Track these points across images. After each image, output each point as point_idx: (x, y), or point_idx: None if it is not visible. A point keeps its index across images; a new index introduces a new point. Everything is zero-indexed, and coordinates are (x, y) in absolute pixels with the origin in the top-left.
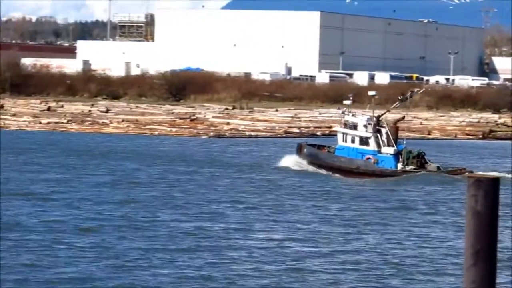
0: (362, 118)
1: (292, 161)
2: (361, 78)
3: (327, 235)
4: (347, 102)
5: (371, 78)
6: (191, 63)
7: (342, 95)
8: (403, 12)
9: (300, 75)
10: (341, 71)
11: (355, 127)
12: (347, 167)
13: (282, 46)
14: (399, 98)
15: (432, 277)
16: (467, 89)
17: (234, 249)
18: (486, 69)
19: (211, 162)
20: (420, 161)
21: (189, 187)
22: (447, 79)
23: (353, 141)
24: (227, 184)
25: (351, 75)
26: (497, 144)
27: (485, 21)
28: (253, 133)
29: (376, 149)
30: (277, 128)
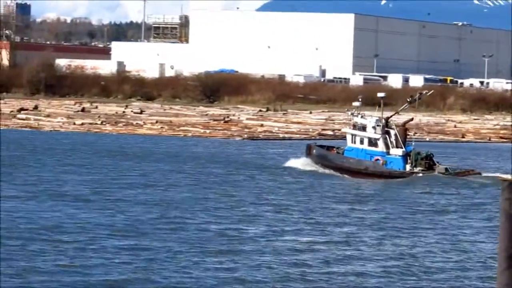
0: (371, 119)
1: (301, 162)
2: (395, 80)
3: (360, 238)
4: (356, 103)
5: (405, 80)
6: (225, 64)
7: (376, 97)
8: (437, 14)
9: (334, 77)
10: (375, 73)
11: (364, 128)
12: (355, 168)
13: (316, 48)
14: (408, 100)
15: (464, 281)
16: (501, 92)
17: (263, 252)
18: None
19: (244, 164)
20: (428, 162)
21: (222, 189)
22: (481, 82)
23: (362, 142)
24: (259, 185)
25: (385, 78)
26: None
27: None
28: (286, 135)
29: (385, 150)
30: (310, 130)
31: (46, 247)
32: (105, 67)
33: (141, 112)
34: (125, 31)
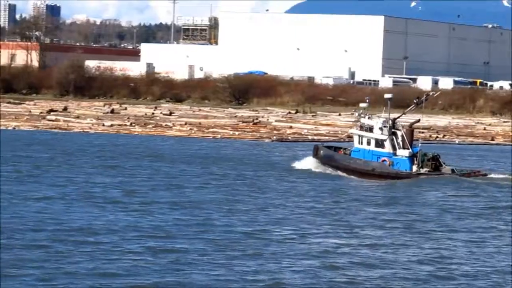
0: (378, 120)
1: (308, 163)
2: (424, 83)
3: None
4: (363, 104)
5: (435, 83)
6: (254, 66)
7: (406, 100)
8: (467, 17)
9: (364, 80)
10: (404, 75)
11: (371, 129)
12: (362, 169)
13: (345, 50)
14: (415, 101)
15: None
16: None
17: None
18: None
19: (272, 165)
20: (434, 163)
21: (250, 190)
22: (511, 85)
23: (368, 143)
24: (286, 187)
25: (414, 80)
26: None
27: None
28: (316, 137)
29: (392, 151)
30: (340, 132)
31: (72, 247)
32: (134, 69)
33: (170, 114)
34: (155, 33)
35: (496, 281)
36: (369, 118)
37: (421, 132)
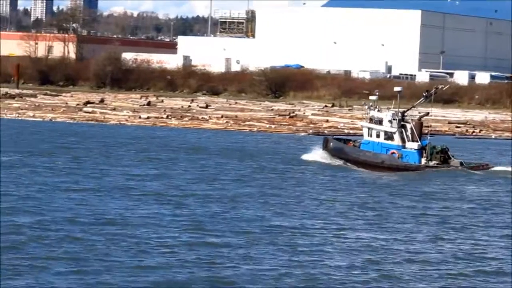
0: (387, 113)
1: (318, 155)
2: (461, 77)
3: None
4: (373, 97)
5: (472, 77)
6: (290, 60)
7: (442, 94)
8: (504, 12)
9: (400, 74)
10: (441, 70)
11: (380, 122)
12: (372, 161)
13: (382, 44)
14: (424, 94)
15: None
16: None
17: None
18: None
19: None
20: (443, 156)
21: (284, 184)
22: None
23: (378, 136)
24: (321, 181)
25: (451, 75)
26: None
27: None
28: (352, 131)
29: (401, 144)
30: None
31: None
32: (171, 61)
33: (206, 107)
34: (192, 26)
35: None
36: (378, 111)
37: (457, 127)
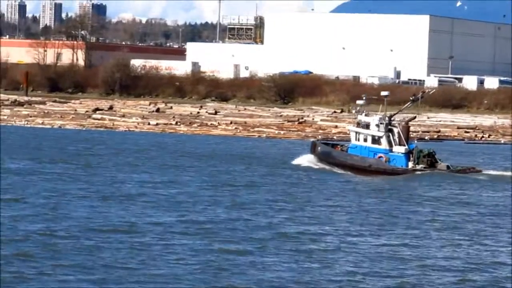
0: (374, 117)
1: (306, 159)
2: (470, 82)
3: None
4: (360, 102)
5: (481, 82)
6: (299, 66)
7: (451, 99)
8: None
9: (409, 79)
10: (450, 75)
11: (367, 126)
12: (359, 165)
13: (391, 49)
14: (411, 98)
15: None
16: None
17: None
18: None
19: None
20: (430, 160)
21: (293, 190)
22: None
23: (365, 140)
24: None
25: (460, 80)
26: None
27: None
28: None
29: (388, 148)
30: None
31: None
32: (180, 68)
33: (215, 113)
34: (200, 32)
35: None
36: (366, 115)
37: (466, 132)
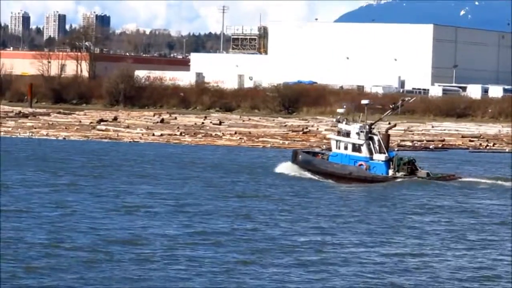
0: (355, 126)
1: (287, 168)
2: (474, 91)
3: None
4: (340, 110)
5: (485, 91)
6: (303, 76)
7: (456, 108)
8: None
9: (413, 88)
10: (454, 84)
11: (348, 134)
12: (340, 173)
13: (395, 59)
14: (391, 106)
15: None
16: None
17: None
18: None
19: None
20: (410, 167)
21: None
22: None
23: (346, 148)
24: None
25: (464, 88)
26: None
27: None
28: None
29: (368, 155)
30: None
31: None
32: (184, 78)
33: (220, 123)
34: (204, 42)
35: None
36: (346, 123)
37: (471, 141)
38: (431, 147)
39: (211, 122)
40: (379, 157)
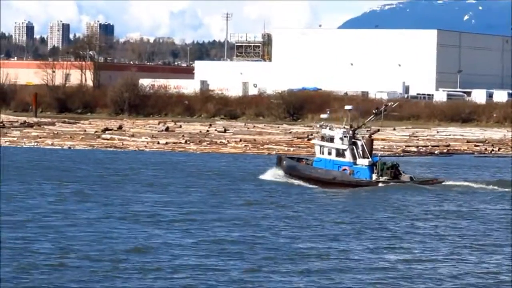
0: (338, 131)
1: (271, 174)
2: (479, 96)
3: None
4: (324, 116)
5: (489, 96)
6: (308, 82)
7: (461, 113)
8: None
9: (418, 94)
10: (458, 89)
11: (331, 139)
12: (324, 178)
13: (399, 64)
14: (374, 111)
15: None
16: None
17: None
18: None
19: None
20: (394, 172)
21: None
22: None
23: (330, 153)
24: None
25: (469, 93)
26: None
27: None
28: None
29: (352, 160)
30: (394, 147)
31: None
32: (188, 86)
33: (225, 131)
34: (208, 50)
35: None
36: (330, 129)
37: (476, 146)
38: (436, 152)
39: (216, 130)
40: (363, 162)
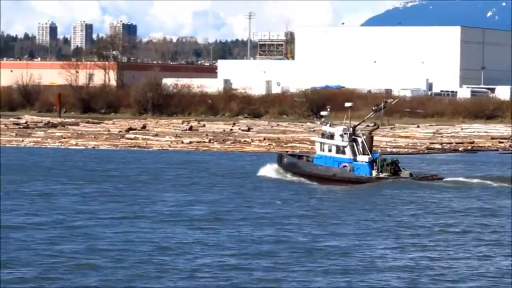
0: (338, 128)
1: (272, 170)
2: (503, 92)
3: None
4: (324, 113)
5: None
6: (331, 80)
7: (484, 110)
8: None
9: (441, 91)
10: (482, 86)
11: (332, 136)
12: (324, 174)
13: (422, 61)
14: (373, 108)
15: None
16: None
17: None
18: None
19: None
20: (394, 168)
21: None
22: None
23: (330, 150)
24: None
25: (493, 90)
26: None
27: None
28: (394, 150)
29: (352, 157)
30: (418, 144)
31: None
32: (211, 86)
33: (248, 130)
34: (231, 49)
35: None
36: (330, 125)
37: (500, 142)
38: (460, 149)
39: (239, 129)
40: (363, 159)
